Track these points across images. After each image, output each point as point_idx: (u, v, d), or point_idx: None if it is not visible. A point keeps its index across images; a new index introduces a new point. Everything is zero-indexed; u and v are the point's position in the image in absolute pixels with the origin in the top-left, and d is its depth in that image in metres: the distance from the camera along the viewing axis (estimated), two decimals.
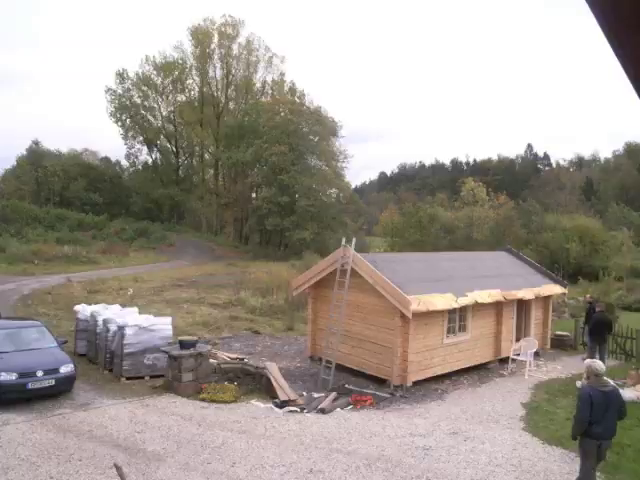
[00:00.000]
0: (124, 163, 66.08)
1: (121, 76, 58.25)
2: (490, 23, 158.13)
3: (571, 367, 13.53)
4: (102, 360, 11.82)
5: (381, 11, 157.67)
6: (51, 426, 8.27)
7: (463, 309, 12.20)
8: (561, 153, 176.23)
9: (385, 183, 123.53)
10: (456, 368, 12.26)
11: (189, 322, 17.63)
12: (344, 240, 12.33)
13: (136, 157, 63.99)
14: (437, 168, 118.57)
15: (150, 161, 65.05)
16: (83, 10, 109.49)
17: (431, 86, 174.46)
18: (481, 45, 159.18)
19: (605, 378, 6.38)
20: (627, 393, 10.63)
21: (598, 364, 6.40)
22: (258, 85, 61.21)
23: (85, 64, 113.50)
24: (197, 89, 61.27)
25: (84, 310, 13.20)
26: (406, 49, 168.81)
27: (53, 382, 9.43)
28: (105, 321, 11.92)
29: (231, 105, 61.04)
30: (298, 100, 54.50)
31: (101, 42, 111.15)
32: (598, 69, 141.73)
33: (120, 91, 58.63)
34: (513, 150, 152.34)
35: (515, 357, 13.07)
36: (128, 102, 58.66)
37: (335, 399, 10.31)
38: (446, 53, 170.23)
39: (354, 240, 12.37)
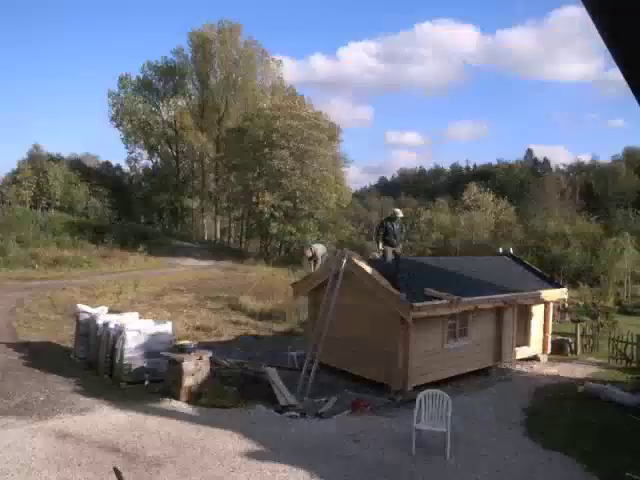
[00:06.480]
0: (125, 167, 66.29)
1: (124, 80, 58.52)
2: (489, 27, 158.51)
3: (570, 372, 13.50)
4: (102, 365, 11.79)
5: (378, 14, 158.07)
6: (50, 431, 8.23)
7: (463, 314, 12.19)
8: (561, 158, 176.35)
9: (385, 188, 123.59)
10: (457, 373, 12.22)
11: (189, 326, 17.61)
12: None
13: (136, 161, 64.21)
14: (437, 173, 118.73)
15: (151, 165, 65.26)
16: (84, 16, 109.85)
17: (431, 90, 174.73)
18: (480, 49, 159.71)
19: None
20: (628, 398, 10.60)
21: None
22: (258, 89, 61.41)
23: (85, 68, 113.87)
24: (197, 94, 61.49)
25: (84, 315, 13.17)
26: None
27: None
28: (105, 325, 11.90)
29: (231, 110, 61.26)
30: (297, 105, 54.61)
31: (101, 46, 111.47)
32: (596, 73, 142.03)
33: (122, 95, 58.87)
34: (513, 155, 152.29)
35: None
36: (129, 106, 58.89)
37: (335, 404, 10.28)
38: (445, 57, 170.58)
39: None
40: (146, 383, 11.03)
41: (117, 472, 5.93)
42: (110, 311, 13.65)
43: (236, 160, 52.03)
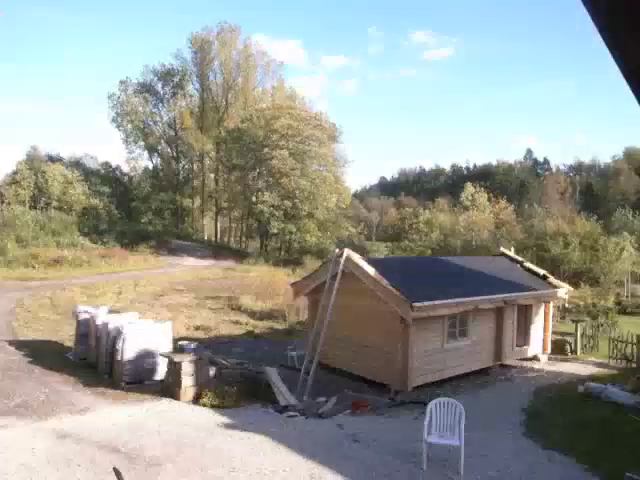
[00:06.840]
0: (124, 168, 66.34)
1: (124, 84, 58.79)
2: (488, 24, 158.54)
3: (570, 372, 13.50)
4: (102, 365, 11.79)
5: (379, 13, 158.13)
6: (50, 431, 8.23)
7: (464, 314, 12.19)
8: (561, 158, 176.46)
9: (385, 188, 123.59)
10: (457, 373, 12.23)
11: (189, 326, 17.62)
12: (337, 249, 12.46)
13: (136, 162, 64.30)
14: (437, 173, 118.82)
15: (151, 166, 65.36)
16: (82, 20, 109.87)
17: (431, 90, 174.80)
18: (479, 47, 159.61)
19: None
20: (628, 398, 10.60)
21: None
22: (258, 90, 61.52)
23: (86, 70, 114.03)
24: (197, 95, 61.58)
25: (84, 315, 13.17)
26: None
27: None
28: (105, 325, 11.90)
29: (231, 110, 61.29)
30: (298, 105, 54.68)
31: (103, 48, 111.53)
32: (596, 72, 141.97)
33: (123, 97, 59.06)
34: (513, 155, 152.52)
35: None
36: (129, 108, 59.01)
37: (335, 404, 10.28)
38: (446, 55, 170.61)
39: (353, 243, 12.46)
40: (146, 383, 11.04)
41: (117, 472, 5.92)
42: (110, 311, 13.66)
43: (236, 160, 52.10)
